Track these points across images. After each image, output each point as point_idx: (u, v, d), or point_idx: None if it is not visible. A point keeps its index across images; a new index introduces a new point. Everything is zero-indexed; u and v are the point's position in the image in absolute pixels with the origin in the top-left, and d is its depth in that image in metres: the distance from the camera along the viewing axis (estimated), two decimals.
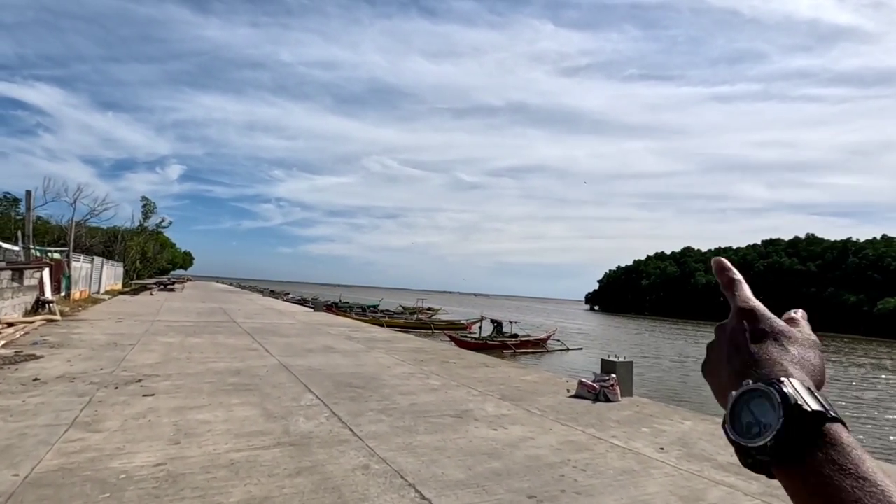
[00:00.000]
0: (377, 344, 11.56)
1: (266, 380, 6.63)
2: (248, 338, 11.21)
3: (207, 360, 7.89)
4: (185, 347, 9.15)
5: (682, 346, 35.40)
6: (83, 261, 20.86)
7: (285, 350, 9.59)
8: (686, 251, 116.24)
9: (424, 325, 29.43)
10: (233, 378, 6.62)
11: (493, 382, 7.49)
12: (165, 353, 8.43)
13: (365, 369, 7.96)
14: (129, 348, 8.61)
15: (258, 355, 8.77)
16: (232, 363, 7.80)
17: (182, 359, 7.92)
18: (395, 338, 13.46)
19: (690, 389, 16.12)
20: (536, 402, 6.31)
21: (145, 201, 47.21)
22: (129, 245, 42.53)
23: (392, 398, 5.99)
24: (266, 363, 8.00)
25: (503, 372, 8.62)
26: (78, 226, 35.84)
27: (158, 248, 56.01)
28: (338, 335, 13.03)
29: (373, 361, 8.85)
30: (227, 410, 4.99)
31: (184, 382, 6.18)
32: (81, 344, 8.81)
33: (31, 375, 6.08)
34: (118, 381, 6.00)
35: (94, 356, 7.66)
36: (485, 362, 9.66)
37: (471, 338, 23.11)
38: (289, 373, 7.24)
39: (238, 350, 9.25)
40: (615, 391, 6.63)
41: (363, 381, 6.90)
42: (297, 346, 10.37)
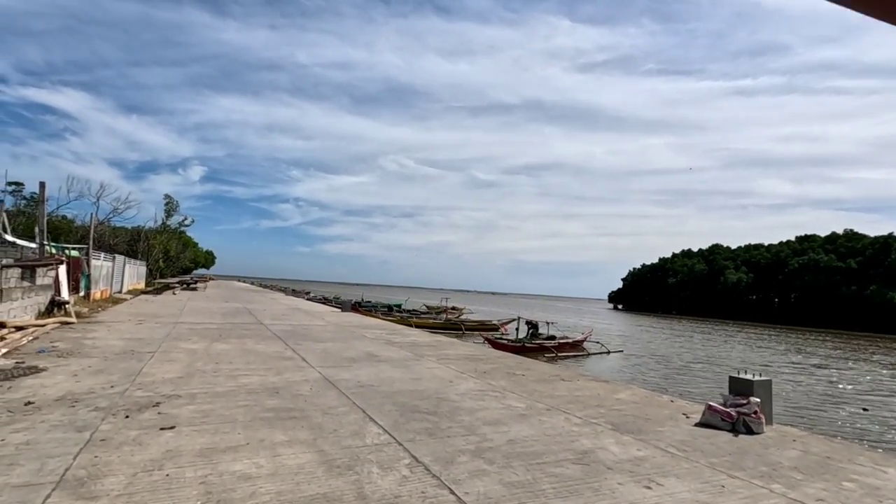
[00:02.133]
0: (423, 350, 10.20)
1: (312, 402, 5.29)
2: (280, 343, 9.96)
3: (238, 373, 6.61)
4: (211, 356, 7.91)
5: (732, 349, 33.27)
6: (104, 259, 20.02)
7: (325, 359, 8.29)
8: (714, 248, 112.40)
9: (455, 325, 28.07)
10: (271, 399, 5.30)
11: (587, 404, 6.05)
12: (189, 363, 7.19)
13: (425, 385, 6.59)
14: (147, 357, 7.40)
15: (295, 366, 7.47)
16: (267, 377, 6.51)
17: (208, 371, 6.66)
18: (439, 342, 12.09)
19: (814, 412, 14.08)
20: (661, 434, 4.85)
21: (168, 199, 46.85)
22: (152, 244, 42.13)
23: (478, 430, 4.60)
24: (306, 377, 6.69)
25: (586, 387, 7.17)
26: (101, 224, 35.44)
27: (181, 247, 55.80)
28: (375, 339, 11.72)
29: (429, 374, 7.48)
30: (272, 454, 3.65)
31: (212, 406, 4.89)
32: (94, 352, 7.63)
33: (24, 397, 4.85)
34: (130, 406, 4.73)
35: (106, 368, 6.45)
36: (558, 374, 8.21)
37: (506, 340, 21.65)
38: (337, 391, 5.90)
39: (271, 359, 7.97)
40: (759, 420, 5.13)
41: (431, 405, 5.52)
42: (335, 353, 9.07)
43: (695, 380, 18.37)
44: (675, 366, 22.03)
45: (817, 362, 27.46)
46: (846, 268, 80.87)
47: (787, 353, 31.77)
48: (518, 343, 20.58)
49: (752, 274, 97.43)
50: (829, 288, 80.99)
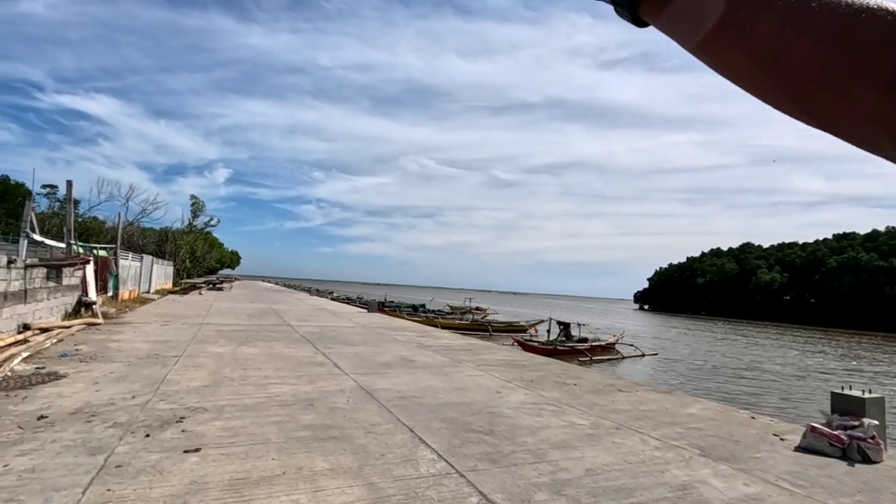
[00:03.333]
0: (459, 355, 9.56)
1: (352, 418, 4.70)
2: (309, 346, 9.46)
3: (268, 382, 6.09)
4: (239, 361, 7.43)
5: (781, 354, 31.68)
6: (132, 259, 20.01)
7: (358, 364, 7.73)
8: (746, 247, 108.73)
9: (481, 326, 27.37)
10: (306, 414, 4.73)
11: (658, 420, 5.31)
12: (215, 369, 6.71)
13: (471, 397, 5.94)
14: (171, 362, 6.95)
15: (328, 373, 6.92)
16: (299, 385, 5.96)
17: (236, 379, 6.15)
18: (474, 346, 11.44)
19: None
20: (762, 462, 4.10)
21: (194, 200, 47.45)
22: (180, 244, 42.65)
23: (547, 456, 3.93)
24: (341, 385, 6.12)
25: (648, 399, 6.41)
26: (130, 225, 35.97)
27: (207, 247, 56.56)
28: (407, 342, 11.14)
29: (472, 383, 6.84)
30: (314, 488, 3.06)
31: (241, 423, 4.34)
32: (117, 356, 7.23)
33: (38, 409, 4.39)
34: (152, 421, 4.22)
35: (129, 375, 6.00)
36: (613, 384, 7.47)
37: (537, 342, 20.85)
38: (378, 404, 5.31)
39: (302, 364, 7.45)
40: (878, 447, 4.32)
41: (485, 422, 4.87)
42: (368, 358, 8.50)
43: (752, 389, 17.18)
44: (721, 372, 20.83)
45: (883, 369, 25.75)
46: (889, 267, 77.03)
47: (844, 359, 29.97)
48: (549, 345, 19.77)
49: (787, 273, 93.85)
50: (870, 288, 77.28)
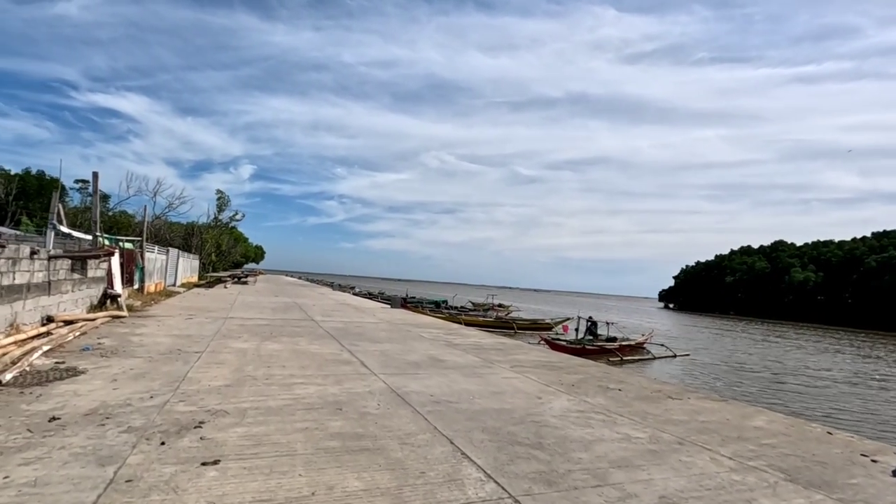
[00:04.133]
0: (490, 354, 9.08)
1: (384, 425, 4.28)
2: (334, 343, 9.11)
3: (293, 381, 5.72)
4: (262, 358, 7.11)
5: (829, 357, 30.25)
6: (158, 252, 20.11)
7: (386, 363, 7.32)
8: (778, 245, 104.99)
9: (506, 323, 26.82)
10: (335, 419, 4.33)
11: (723, 435, 4.74)
12: (238, 366, 6.39)
13: (511, 403, 5.46)
14: (193, 359, 6.66)
15: (355, 372, 6.53)
16: (326, 386, 5.58)
17: (259, 378, 5.80)
18: (504, 345, 10.94)
19: None
20: (863, 492, 3.50)
21: (220, 194, 48.01)
22: (205, 238, 43.21)
23: (609, 477, 3.42)
24: (370, 387, 5.71)
25: (704, 408, 5.82)
26: (158, 219, 36.53)
27: (232, 242, 57.32)
28: (434, 340, 10.71)
29: (508, 386, 6.35)
30: None
31: (265, 429, 3.95)
32: (139, 351, 6.99)
33: (51, 409, 4.09)
34: (169, 426, 3.86)
35: (149, 372, 5.71)
36: (660, 390, 6.88)
37: (565, 341, 20.21)
38: (410, 409, 4.87)
39: (327, 362, 7.08)
40: None
41: (530, 432, 4.38)
42: (396, 356, 8.10)
43: (801, 397, 16.19)
44: (764, 377, 19.79)
45: None
46: None
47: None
48: (578, 344, 19.12)
49: (822, 273, 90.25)
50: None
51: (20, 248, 6.93)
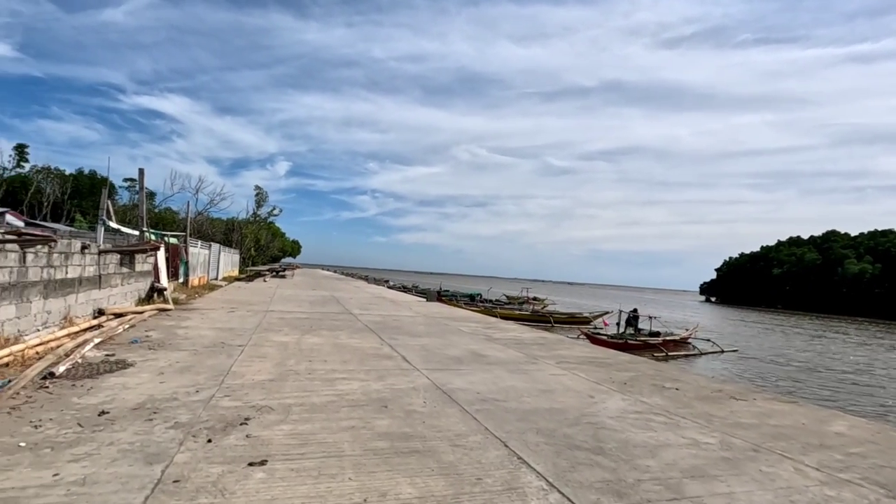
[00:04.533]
0: (532, 350, 8.77)
1: (432, 425, 4.07)
2: (374, 336, 9.01)
3: (335, 376, 5.60)
4: (303, 351, 7.06)
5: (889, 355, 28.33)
6: (200, 246, 20.69)
7: (427, 358, 7.14)
8: (830, 235, 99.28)
9: (543, 317, 26.31)
10: (381, 417, 4.15)
11: (802, 442, 4.30)
12: (280, 360, 6.34)
13: (562, 402, 5.16)
14: (237, 352, 6.67)
15: (397, 367, 6.37)
16: (368, 382, 5.43)
17: (302, 372, 5.72)
18: (546, 339, 10.60)
19: None
20: None
21: (258, 190, 49.23)
22: (245, 233, 44.42)
23: (684, 488, 3.09)
24: (414, 383, 5.53)
25: (774, 411, 5.35)
26: (200, 215, 37.75)
27: (270, 236, 58.77)
28: (473, 334, 10.48)
29: (558, 384, 6.05)
30: None
31: (310, 427, 3.82)
32: (184, 344, 7.06)
33: (100, 403, 4.09)
34: (215, 422, 3.78)
35: (194, 365, 5.72)
36: (721, 389, 6.42)
37: (605, 335, 19.61)
38: (458, 408, 4.65)
39: (368, 357, 6.96)
40: None
41: (588, 435, 4.08)
42: (437, 351, 7.91)
43: (874, 399, 15.11)
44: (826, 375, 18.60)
45: None
46: None
47: None
48: (619, 339, 18.50)
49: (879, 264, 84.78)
50: None
51: (72, 243, 7.11)
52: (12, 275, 5.57)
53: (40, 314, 6.23)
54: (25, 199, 42.05)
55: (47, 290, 6.38)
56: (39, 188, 44.47)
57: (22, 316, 5.81)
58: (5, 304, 5.47)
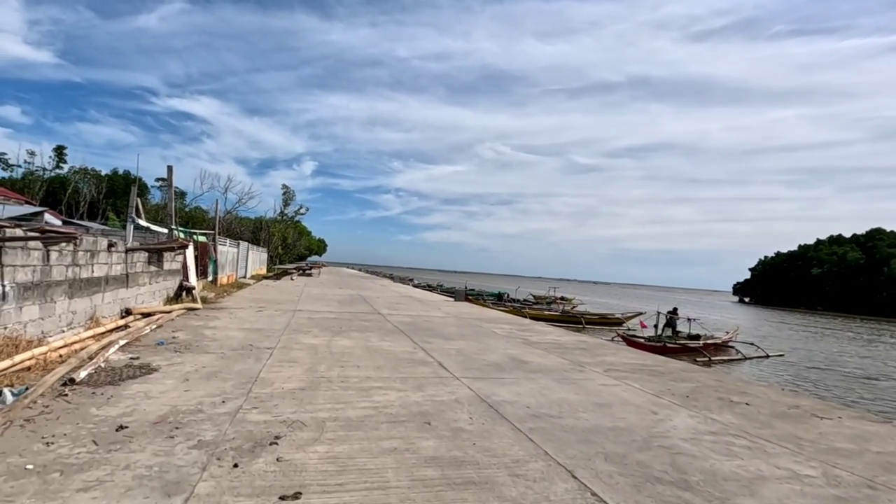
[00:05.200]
0: (575, 355, 8.18)
1: (485, 447, 3.57)
2: (405, 339, 8.58)
3: (371, 385, 5.17)
4: (334, 356, 6.66)
5: None
6: (229, 245, 20.72)
7: (465, 365, 6.65)
8: (875, 233, 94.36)
9: (574, 318, 25.50)
10: (425, 437, 3.68)
11: None
12: (310, 365, 5.95)
13: (623, 418, 4.59)
14: (265, 356, 6.31)
15: (434, 375, 5.90)
16: (406, 392, 4.97)
17: (334, 380, 5.30)
18: (587, 343, 9.97)
19: None
20: None
21: (285, 189, 49.64)
22: (272, 232, 44.82)
23: None
24: (455, 394, 5.05)
25: (872, 434, 4.65)
26: (229, 214, 38.20)
27: (297, 235, 59.29)
28: (509, 337, 9.94)
29: (612, 396, 5.47)
30: None
31: (347, 448, 3.37)
32: (211, 346, 6.75)
33: (120, 415, 3.73)
34: (242, 441, 3.37)
35: (221, 371, 5.37)
36: (797, 404, 5.71)
37: (642, 338, 18.73)
38: (509, 425, 4.14)
39: (402, 362, 6.51)
40: None
41: (665, 463, 3.51)
42: (474, 356, 7.41)
43: None
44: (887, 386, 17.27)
45: None
46: None
47: None
48: (658, 342, 17.62)
49: None
50: None
51: (97, 241, 6.89)
52: (35, 274, 5.33)
53: (65, 315, 6.00)
54: (64, 199, 43.44)
55: (72, 289, 6.15)
56: (77, 188, 45.90)
57: (46, 317, 5.57)
58: (28, 304, 5.22)
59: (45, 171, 47.01)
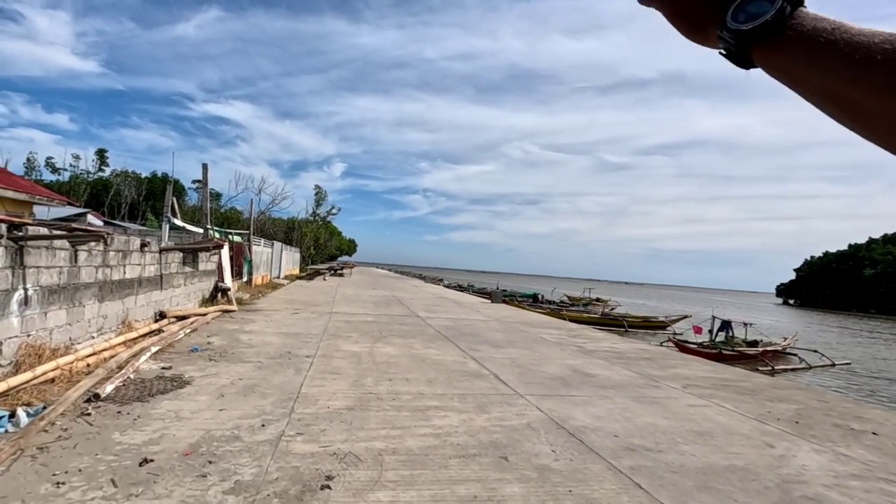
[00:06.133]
0: (640, 366, 7.33)
1: (584, 497, 2.85)
2: (451, 346, 7.90)
3: (426, 404, 4.50)
4: (379, 365, 6.04)
5: None
6: (263, 245, 20.57)
7: (525, 378, 5.92)
8: None
9: (615, 321, 24.31)
10: (506, 479, 2.98)
11: None
12: (355, 377, 5.33)
13: (735, 453, 3.77)
14: (305, 365, 5.74)
15: (494, 391, 5.20)
16: (469, 414, 4.29)
17: (384, 397, 4.67)
18: (649, 352, 9.07)
19: None
20: None
21: (317, 190, 49.93)
22: (304, 232, 45.06)
23: None
24: (525, 415, 4.33)
25: None
26: (262, 214, 38.51)
27: (328, 235, 59.66)
28: (561, 344, 9.14)
29: (708, 421, 4.63)
30: None
31: (415, 496, 2.71)
32: (248, 353, 6.24)
33: (145, 444, 3.18)
34: (288, 482, 2.75)
35: (259, 384, 4.81)
36: None
37: (695, 344, 17.51)
38: (605, 463, 3.39)
39: (455, 375, 5.83)
40: None
41: None
42: (530, 367, 6.67)
43: None
44: None
45: None
46: None
47: None
48: (713, 348, 16.40)
49: None
50: None
51: (129, 241, 6.48)
52: (62, 276, 4.90)
53: (95, 319, 5.59)
54: (106, 201, 44.86)
55: (103, 292, 5.73)
56: (118, 190, 47.36)
57: (74, 322, 5.14)
58: (54, 308, 4.80)
59: (88, 174, 48.71)
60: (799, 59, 0.43)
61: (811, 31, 0.42)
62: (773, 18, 0.44)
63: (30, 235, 4.31)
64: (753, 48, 0.46)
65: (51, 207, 20.06)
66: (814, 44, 0.42)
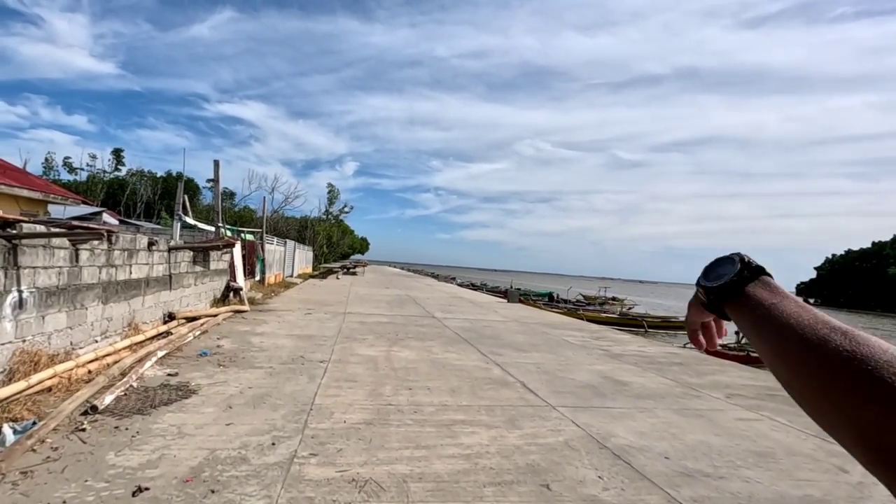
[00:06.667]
0: (675, 372, 6.86)
1: None
2: (472, 350, 7.50)
3: (451, 418, 4.10)
4: (397, 371, 5.66)
5: None
6: (276, 243, 20.36)
7: (554, 385, 5.49)
8: None
9: (634, 321, 23.68)
10: None
11: None
12: (373, 386, 4.96)
13: (806, 481, 3.31)
14: (319, 372, 5.39)
15: (523, 401, 4.78)
16: (499, 430, 3.88)
17: (405, 409, 4.28)
18: (681, 356, 8.56)
19: None
20: None
21: (330, 188, 49.88)
22: (317, 231, 45.01)
23: None
24: (561, 432, 3.91)
25: None
26: (275, 213, 38.50)
27: (341, 234, 59.64)
28: (585, 347, 8.68)
29: (765, 439, 4.17)
30: None
31: None
32: (259, 358, 5.90)
33: (141, 467, 2.84)
34: None
35: (270, 393, 4.45)
36: None
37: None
38: (660, 493, 2.96)
39: (479, 383, 5.43)
40: None
41: None
42: (559, 374, 6.23)
43: None
44: None
45: None
46: None
47: None
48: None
49: None
50: None
51: (136, 239, 6.19)
52: (62, 276, 4.60)
53: (98, 322, 5.29)
54: (122, 200, 45.29)
55: (107, 293, 5.44)
56: (134, 190, 47.81)
57: (75, 325, 4.85)
58: (53, 311, 4.50)
59: (105, 173, 49.23)
60: (747, 322, 0.50)
61: (755, 301, 0.50)
62: (729, 282, 0.53)
63: (24, 234, 4.00)
64: (724, 304, 0.55)
65: (66, 206, 20.08)
66: (756, 313, 0.49)
